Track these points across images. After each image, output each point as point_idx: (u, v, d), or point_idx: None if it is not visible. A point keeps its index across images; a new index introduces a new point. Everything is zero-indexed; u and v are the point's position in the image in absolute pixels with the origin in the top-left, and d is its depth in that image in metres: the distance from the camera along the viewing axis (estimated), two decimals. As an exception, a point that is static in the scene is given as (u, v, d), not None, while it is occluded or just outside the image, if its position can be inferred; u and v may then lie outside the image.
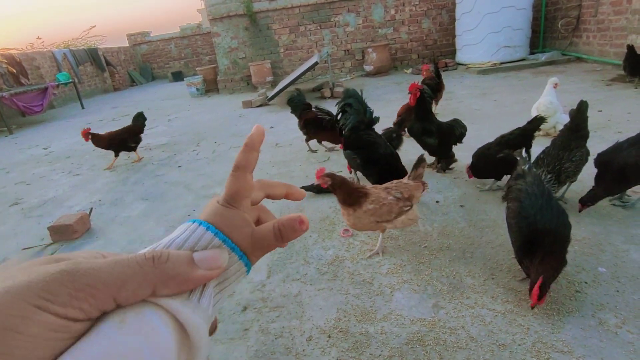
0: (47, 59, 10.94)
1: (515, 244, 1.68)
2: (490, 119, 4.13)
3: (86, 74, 12.60)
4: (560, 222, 1.56)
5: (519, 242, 1.64)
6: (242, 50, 9.01)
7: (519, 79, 6.09)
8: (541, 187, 1.71)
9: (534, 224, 1.57)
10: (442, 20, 8.74)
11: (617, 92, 4.56)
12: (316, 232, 2.35)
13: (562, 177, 2.09)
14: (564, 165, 2.08)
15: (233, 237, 0.34)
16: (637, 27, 5.49)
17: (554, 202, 1.64)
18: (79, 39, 14.43)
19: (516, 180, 1.85)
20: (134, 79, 15.10)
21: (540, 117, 2.48)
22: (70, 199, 3.52)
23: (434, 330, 1.50)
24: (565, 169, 2.08)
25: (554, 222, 1.55)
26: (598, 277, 1.66)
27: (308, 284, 1.89)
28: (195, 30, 15.09)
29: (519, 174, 1.91)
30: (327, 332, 1.57)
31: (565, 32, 7.16)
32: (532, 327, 1.45)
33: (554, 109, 3.29)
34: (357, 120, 2.61)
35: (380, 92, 6.57)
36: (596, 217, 2.10)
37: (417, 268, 1.89)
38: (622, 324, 1.41)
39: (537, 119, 2.47)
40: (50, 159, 5.12)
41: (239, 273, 0.35)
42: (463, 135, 2.86)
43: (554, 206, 1.61)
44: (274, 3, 8.61)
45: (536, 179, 1.80)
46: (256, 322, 1.69)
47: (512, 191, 1.81)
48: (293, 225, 0.36)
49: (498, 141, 2.52)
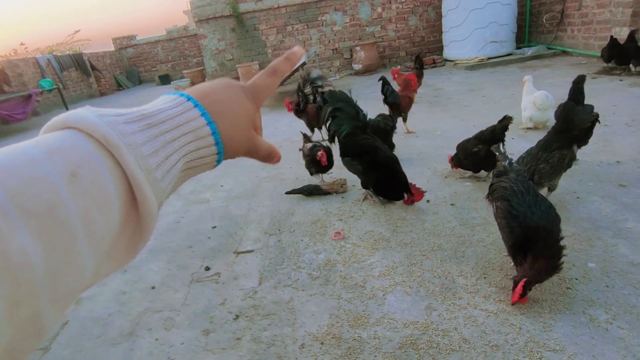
0: (30, 66, 10.75)
1: (507, 243, 1.68)
2: (480, 114, 4.15)
3: (71, 79, 12.41)
4: (549, 218, 1.56)
5: (511, 241, 1.64)
6: (230, 51, 8.94)
7: (507, 74, 6.13)
8: (525, 183, 1.70)
9: (525, 222, 1.57)
10: (428, 17, 8.76)
11: (603, 84, 4.61)
12: (307, 235, 2.33)
13: (536, 178, 2.04)
14: (539, 165, 2.03)
15: (219, 126, 0.35)
16: (620, 20, 5.56)
17: (540, 197, 1.64)
18: (64, 43, 14.26)
19: (499, 177, 1.84)
20: (121, 83, 14.92)
21: (508, 116, 2.48)
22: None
23: (427, 333, 1.49)
24: (539, 170, 2.03)
25: (544, 219, 1.55)
26: (588, 273, 1.67)
27: (300, 289, 1.87)
28: (181, 32, 14.96)
29: (500, 171, 1.90)
30: (319, 339, 1.55)
31: (550, 27, 7.22)
32: (524, 327, 1.45)
33: (550, 102, 3.32)
34: (352, 126, 2.52)
35: (369, 91, 6.56)
36: (585, 212, 2.11)
37: (409, 269, 1.88)
38: (612, 320, 1.42)
39: (506, 118, 2.48)
40: (36, 168, 5.03)
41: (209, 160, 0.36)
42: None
43: (541, 201, 1.61)
44: (260, 3, 8.56)
45: (519, 175, 1.79)
46: (248, 330, 1.67)
47: (497, 189, 1.79)
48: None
49: (476, 136, 2.60)
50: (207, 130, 0.34)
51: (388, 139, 3.17)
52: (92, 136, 0.27)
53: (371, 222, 2.38)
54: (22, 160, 0.23)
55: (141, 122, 0.31)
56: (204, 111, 0.34)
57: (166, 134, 0.32)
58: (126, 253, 0.30)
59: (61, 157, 0.25)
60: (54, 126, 0.28)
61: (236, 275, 2.06)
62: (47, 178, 0.23)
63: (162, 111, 0.33)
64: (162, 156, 0.31)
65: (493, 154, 2.54)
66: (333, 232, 2.30)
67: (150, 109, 0.33)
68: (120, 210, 0.28)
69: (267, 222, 2.58)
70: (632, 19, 5.33)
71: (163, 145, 0.31)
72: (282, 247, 2.26)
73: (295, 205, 2.75)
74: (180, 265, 2.25)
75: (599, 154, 2.79)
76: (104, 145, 0.28)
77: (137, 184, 0.29)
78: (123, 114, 0.30)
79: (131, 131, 0.29)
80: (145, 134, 0.30)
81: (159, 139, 0.31)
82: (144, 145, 0.30)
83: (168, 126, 0.32)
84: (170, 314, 1.84)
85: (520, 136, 3.38)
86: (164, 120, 0.32)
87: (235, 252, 2.28)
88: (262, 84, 0.41)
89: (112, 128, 0.28)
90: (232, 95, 0.38)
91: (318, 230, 2.38)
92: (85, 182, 0.25)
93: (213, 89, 0.38)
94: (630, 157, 2.66)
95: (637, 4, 5.26)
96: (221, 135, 0.35)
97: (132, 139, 0.29)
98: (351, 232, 2.30)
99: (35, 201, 0.22)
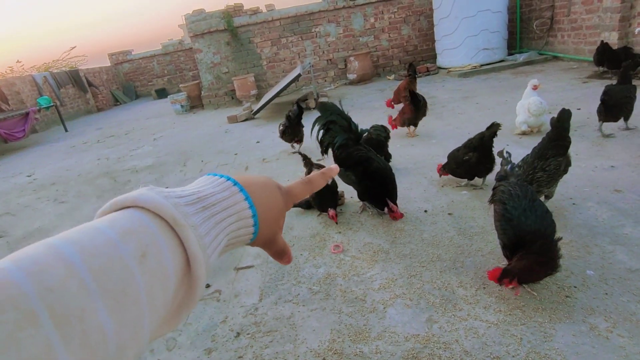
0: (27, 83, 10.79)
1: (501, 245, 1.71)
2: (474, 122, 4.18)
3: (68, 96, 12.46)
4: (545, 224, 1.58)
5: (503, 243, 1.66)
6: (225, 65, 9.01)
7: (500, 80, 6.20)
8: (524, 188, 1.72)
9: (518, 225, 1.59)
10: (421, 26, 8.87)
11: (594, 89, 4.66)
12: (307, 249, 2.34)
13: (535, 186, 2.05)
14: (537, 174, 2.05)
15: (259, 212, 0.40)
16: (609, 25, 5.65)
17: (537, 203, 1.66)
18: (60, 60, 14.30)
19: (500, 181, 1.88)
20: (118, 99, 14.97)
21: (496, 123, 2.52)
22: (57, 228, 3.46)
23: (428, 347, 1.49)
24: (537, 178, 2.05)
25: (538, 224, 1.57)
26: (587, 281, 1.68)
27: (300, 304, 1.87)
28: (177, 46, 15.06)
29: (501, 176, 1.93)
30: (321, 355, 1.55)
31: (540, 33, 7.32)
32: (525, 337, 1.46)
33: (544, 108, 3.36)
34: (345, 138, 2.55)
35: (364, 100, 6.62)
36: (582, 218, 2.13)
37: (408, 281, 1.88)
38: (612, 328, 1.43)
39: (494, 125, 2.51)
40: (34, 187, 5.03)
41: (245, 240, 0.40)
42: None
43: (538, 207, 1.63)
44: (254, 17, 8.65)
45: (519, 180, 1.82)
46: (250, 348, 1.67)
47: (496, 193, 1.83)
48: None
49: (465, 144, 2.64)
50: (249, 212, 0.39)
51: (383, 149, 3.19)
52: (159, 216, 0.31)
53: (369, 233, 2.39)
54: (101, 241, 0.26)
55: (198, 205, 0.34)
56: (247, 195, 0.39)
57: (217, 215, 0.36)
58: (174, 320, 0.33)
59: (133, 239, 0.28)
60: (122, 204, 0.31)
61: (237, 292, 2.06)
62: (123, 258, 0.26)
63: (213, 194, 0.37)
64: (212, 235, 0.34)
65: (485, 160, 2.57)
66: (332, 245, 2.31)
67: (204, 191, 0.37)
68: (174, 285, 0.31)
69: (266, 237, 2.58)
70: (620, 23, 5.42)
71: (214, 226, 0.35)
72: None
73: (294, 219, 2.76)
74: (181, 283, 2.25)
75: (593, 159, 2.81)
76: (169, 224, 0.31)
77: (196, 262, 0.32)
78: (183, 196, 0.34)
79: (191, 212, 0.33)
80: (201, 215, 0.34)
81: (211, 220, 0.35)
82: (201, 226, 0.33)
83: (218, 208, 0.36)
84: (172, 334, 1.84)
85: (515, 142, 3.41)
86: (215, 203, 0.36)
87: (235, 269, 2.29)
88: (296, 190, 0.47)
89: (177, 209, 0.32)
90: (269, 189, 0.43)
91: (317, 243, 2.38)
92: (152, 261, 0.28)
93: (255, 180, 0.43)
94: (624, 162, 2.69)
95: (625, 9, 5.35)
96: (258, 218, 0.40)
97: (193, 220, 0.33)
98: (350, 244, 2.31)
99: (114, 281, 0.25)
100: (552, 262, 1.52)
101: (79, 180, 4.85)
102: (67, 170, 5.58)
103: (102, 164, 5.57)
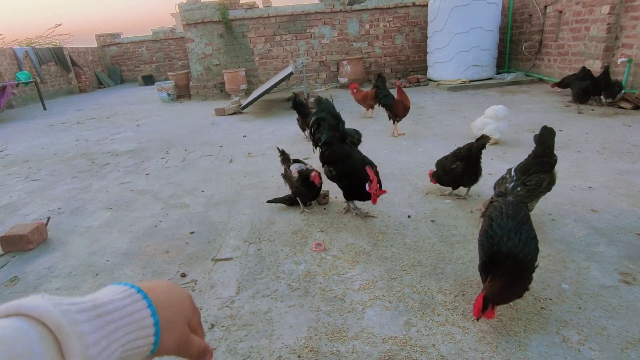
0: (7, 57, 10.38)
1: (479, 259, 1.69)
2: (461, 134, 4.25)
3: (49, 73, 12.04)
4: (525, 250, 1.52)
5: (481, 259, 1.64)
6: (216, 57, 8.90)
7: (487, 97, 6.34)
8: (517, 209, 1.68)
9: (498, 244, 1.55)
10: (414, 37, 9.00)
11: (576, 113, 4.83)
12: (288, 245, 2.31)
13: None
14: (516, 188, 2.07)
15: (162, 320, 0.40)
16: (593, 53, 5.86)
17: (526, 227, 1.60)
18: (44, 37, 13.82)
19: (497, 197, 1.86)
20: (102, 81, 14.57)
21: (485, 135, 2.62)
22: (26, 206, 3.31)
23: (405, 349, 1.49)
24: (516, 193, 2.06)
25: (518, 248, 1.53)
26: (562, 294, 1.72)
27: (278, 300, 1.84)
28: (168, 34, 14.81)
29: (501, 192, 1.92)
30: (297, 352, 1.52)
31: (528, 55, 7.54)
32: (500, 345, 1.47)
33: (501, 114, 3.77)
34: (330, 135, 2.60)
35: (354, 105, 6.64)
36: (560, 234, 2.18)
37: (389, 284, 1.88)
38: (584, 341, 1.46)
39: (484, 137, 2.58)
40: (5, 163, 4.81)
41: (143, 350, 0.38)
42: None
43: (525, 231, 1.57)
44: (250, 12, 8.59)
45: (516, 199, 1.79)
46: (224, 341, 1.62)
47: (488, 207, 1.81)
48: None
49: (453, 153, 2.70)
50: (150, 321, 0.38)
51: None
52: (43, 323, 0.30)
53: (352, 234, 2.38)
54: None
55: (91, 312, 0.34)
56: (150, 303, 0.39)
57: (112, 323, 0.35)
58: None
59: (2, 349, 0.27)
60: (6, 312, 0.30)
61: (213, 284, 2.01)
62: None
63: (111, 302, 0.36)
64: (103, 346, 0.33)
65: (471, 171, 2.61)
66: (314, 243, 2.29)
67: (102, 298, 0.36)
68: None
69: (247, 230, 2.54)
70: (605, 53, 5.64)
71: (107, 335, 0.34)
72: (261, 256, 2.22)
73: (276, 215, 2.73)
74: (156, 271, 2.18)
75: (572, 179, 2.90)
76: (52, 332, 0.30)
77: None
78: (77, 303, 0.33)
79: (82, 320, 0.32)
80: (94, 323, 0.33)
81: (104, 329, 0.34)
82: (90, 335, 0.32)
83: (115, 317, 0.35)
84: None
85: (499, 157, 3.48)
86: (112, 311, 0.35)
87: (213, 260, 2.23)
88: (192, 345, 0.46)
89: (66, 316, 0.31)
90: (176, 294, 0.44)
91: (299, 240, 2.36)
92: None
93: (161, 286, 0.43)
94: (600, 184, 2.78)
95: (610, 39, 5.57)
96: (160, 327, 0.39)
97: (82, 328, 0.32)
98: (332, 243, 2.29)
99: None
100: (517, 287, 1.49)
101: (55, 159, 4.68)
102: (42, 149, 5.37)
103: (81, 145, 5.38)
